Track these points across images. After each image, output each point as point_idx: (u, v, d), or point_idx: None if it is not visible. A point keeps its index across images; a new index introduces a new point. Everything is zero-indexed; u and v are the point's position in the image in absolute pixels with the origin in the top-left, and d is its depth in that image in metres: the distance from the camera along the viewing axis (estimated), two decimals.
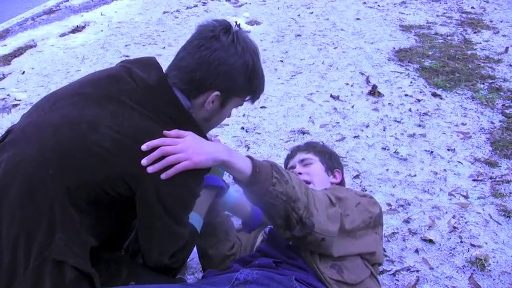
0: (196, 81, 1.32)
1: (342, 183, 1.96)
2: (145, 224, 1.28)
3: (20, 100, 3.61)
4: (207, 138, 1.36)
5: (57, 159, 1.20)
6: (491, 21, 5.31)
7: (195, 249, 1.82)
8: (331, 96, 3.57)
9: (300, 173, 1.84)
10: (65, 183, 1.19)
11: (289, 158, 2.02)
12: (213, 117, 1.42)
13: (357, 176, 2.59)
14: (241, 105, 1.47)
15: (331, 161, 1.96)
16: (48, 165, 1.20)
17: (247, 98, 1.45)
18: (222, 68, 1.31)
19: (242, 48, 1.33)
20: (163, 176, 1.21)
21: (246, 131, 3.11)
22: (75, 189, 1.20)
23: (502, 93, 3.55)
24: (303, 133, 3.06)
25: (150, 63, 1.38)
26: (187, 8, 6.25)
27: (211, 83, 1.32)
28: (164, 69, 1.38)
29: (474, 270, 1.96)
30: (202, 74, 1.31)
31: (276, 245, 1.58)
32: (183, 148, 1.23)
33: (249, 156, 1.36)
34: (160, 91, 1.31)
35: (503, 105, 3.36)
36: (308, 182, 1.80)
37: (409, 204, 2.36)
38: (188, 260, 1.98)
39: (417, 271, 1.96)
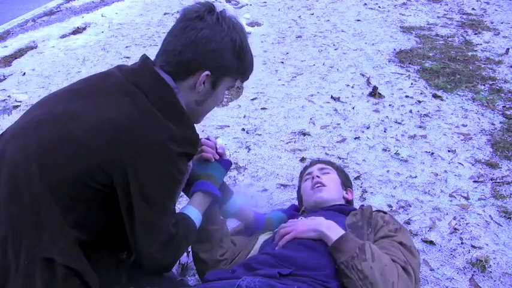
0: (185, 63, 1.30)
1: (351, 201, 2.01)
2: (126, 213, 1.26)
3: (20, 101, 3.61)
4: (190, 120, 1.32)
5: (39, 155, 1.21)
6: (492, 23, 5.31)
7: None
8: (331, 97, 3.57)
9: (318, 176, 1.90)
10: (47, 179, 1.19)
11: (307, 167, 2.08)
12: (206, 99, 1.39)
13: (357, 178, 2.59)
14: (232, 86, 1.45)
15: (346, 179, 2.06)
16: (31, 162, 1.21)
17: (238, 78, 1.43)
18: (210, 46, 1.30)
19: (228, 26, 1.33)
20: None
21: (247, 132, 3.11)
22: (58, 184, 1.20)
23: (502, 94, 3.55)
24: (304, 134, 3.06)
25: (140, 58, 1.39)
26: None
27: (200, 63, 1.31)
28: None
29: (475, 271, 1.96)
30: (190, 54, 1.29)
31: (302, 246, 1.57)
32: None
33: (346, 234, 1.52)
34: (143, 72, 1.31)
35: (503, 106, 3.36)
36: (323, 185, 1.86)
37: (410, 206, 2.36)
38: (189, 261, 1.98)
39: None
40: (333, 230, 1.54)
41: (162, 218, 1.29)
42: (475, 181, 2.54)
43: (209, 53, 1.30)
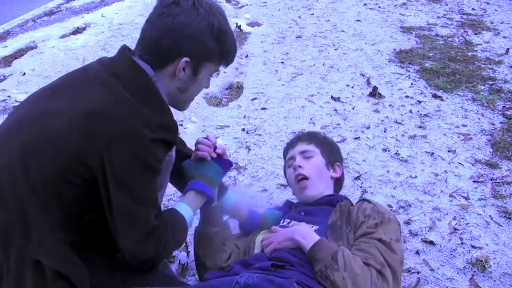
0: (163, 50, 1.29)
1: (341, 177, 1.95)
2: (106, 205, 1.22)
3: (20, 101, 3.61)
4: (167, 107, 1.30)
5: (22, 157, 1.20)
6: (492, 23, 5.32)
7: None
8: (331, 97, 3.58)
9: (300, 166, 1.83)
10: (31, 180, 1.19)
11: (289, 147, 1.98)
12: (189, 86, 1.37)
13: (357, 178, 2.59)
14: (216, 71, 1.42)
15: (332, 154, 1.94)
16: (14, 165, 1.20)
17: (221, 62, 1.40)
18: (187, 31, 1.28)
19: (205, 10, 1.30)
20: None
21: (247, 133, 3.11)
22: (42, 185, 1.19)
23: (502, 94, 3.55)
24: None
25: (119, 48, 1.37)
26: None
27: (178, 49, 1.29)
28: None
29: (475, 271, 1.96)
30: (168, 41, 1.28)
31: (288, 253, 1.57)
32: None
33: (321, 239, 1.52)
34: (121, 63, 1.30)
35: (503, 106, 3.36)
36: (307, 178, 1.80)
37: (410, 206, 2.36)
38: (189, 261, 1.98)
39: (418, 272, 1.95)
40: (307, 238, 1.52)
41: (140, 208, 1.25)
42: (475, 181, 2.54)
43: (186, 39, 1.28)
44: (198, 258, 1.74)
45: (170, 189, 1.93)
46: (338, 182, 1.94)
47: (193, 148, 1.64)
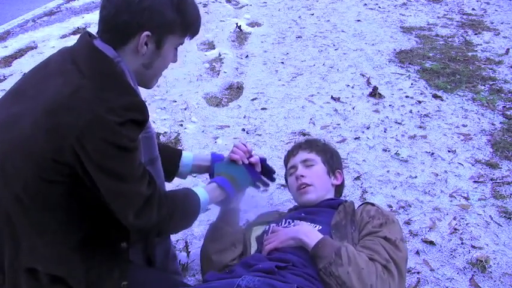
0: (121, 26, 1.24)
1: (342, 184, 1.96)
2: (96, 191, 1.22)
3: None
4: (130, 87, 1.26)
5: None
6: (492, 23, 5.31)
7: (198, 251, 1.82)
8: (331, 97, 3.57)
9: (302, 176, 1.83)
10: (13, 189, 1.17)
11: (290, 155, 1.98)
12: (154, 61, 1.33)
13: (357, 178, 2.59)
14: (181, 43, 1.37)
15: (333, 161, 1.95)
16: None
17: (185, 34, 1.36)
18: (144, 4, 1.22)
19: None
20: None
21: (247, 133, 3.11)
22: (24, 191, 1.17)
23: (502, 94, 3.55)
24: (304, 135, 3.06)
25: (80, 34, 1.33)
26: None
27: (138, 23, 1.24)
28: None
29: (475, 271, 1.96)
30: (125, 16, 1.23)
31: (290, 248, 1.57)
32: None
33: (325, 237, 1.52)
34: (80, 49, 1.27)
35: (504, 106, 3.36)
36: (309, 185, 1.80)
37: (410, 206, 2.36)
38: (189, 261, 1.98)
39: (418, 273, 1.95)
40: (310, 237, 1.53)
41: (127, 185, 1.23)
42: (475, 181, 2.54)
43: (145, 12, 1.23)
44: (205, 251, 1.74)
45: None
46: (339, 188, 1.95)
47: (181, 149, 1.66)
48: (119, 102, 1.18)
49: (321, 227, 1.61)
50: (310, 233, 1.55)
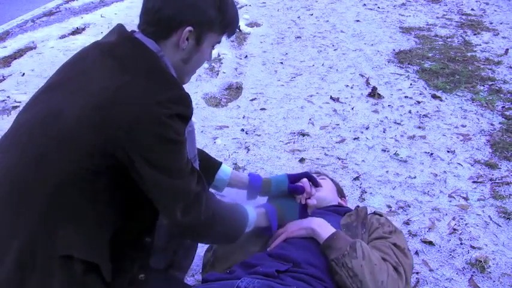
0: (165, 20, 1.27)
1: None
2: (143, 187, 1.23)
3: (19, 102, 3.60)
4: (176, 81, 1.27)
5: (37, 161, 1.19)
6: (491, 23, 5.32)
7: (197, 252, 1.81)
8: (331, 98, 3.58)
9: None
10: (52, 181, 1.18)
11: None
12: (192, 57, 1.35)
13: (356, 178, 2.59)
14: (218, 42, 1.40)
15: (341, 189, 2.06)
16: (31, 170, 1.19)
17: (223, 33, 1.39)
18: (189, 1, 1.27)
19: None
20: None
21: (246, 133, 3.11)
22: (66, 183, 1.18)
23: (502, 95, 3.55)
24: (303, 135, 3.06)
25: (114, 28, 1.35)
26: None
27: (181, 18, 1.27)
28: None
29: (474, 272, 1.96)
30: (170, 10, 1.26)
31: (295, 246, 1.57)
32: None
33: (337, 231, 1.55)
34: (121, 43, 1.27)
35: (503, 107, 3.36)
36: (320, 185, 1.83)
37: (409, 206, 2.36)
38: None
39: (417, 273, 1.95)
40: (323, 228, 1.56)
41: (178, 181, 1.24)
42: (474, 181, 2.54)
43: (189, 8, 1.27)
44: (213, 246, 1.75)
45: None
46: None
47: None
48: (167, 96, 1.20)
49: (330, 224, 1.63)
50: (323, 225, 1.58)
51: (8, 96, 3.72)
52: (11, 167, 1.22)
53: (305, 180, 1.73)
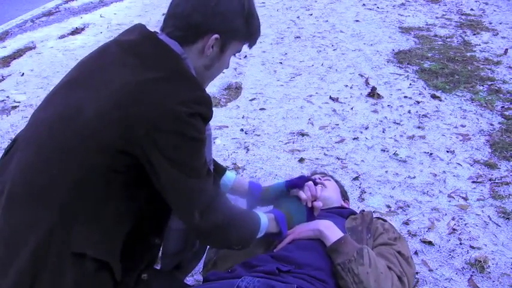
0: (194, 26, 1.28)
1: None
2: (161, 187, 1.23)
3: (19, 102, 3.61)
4: (198, 83, 1.28)
5: (57, 157, 1.19)
6: (491, 23, 5.32)
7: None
8: (330, 98, 3.58)
9: (319, 178, 1.89)
10: (71, 178, 1.18)
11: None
12: (214, 64, 1.37)
13: (356, 178, 2.59)
14: (239, 51, 1.42)
15: (345, 192, 2.06)
16: (50, 166, 1.19)
17: (245, 42, 1.41)
18: (219, 9, 1.28)
19: None
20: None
21: (246, 133, 3.11)
22: (85, 180, 1.18)
23: (501, 95, 3.55)
24: (302, 135, 3.06)
25: (135, 26, 1.35)
26: None
27: (210, 26, 1.28)
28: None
29: (473, 272, 1.96)
30: (200, 16, 1.27)
31: (299, 248, 1.57)
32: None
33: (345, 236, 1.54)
34: (144, 43, 1.28)
35: (502, 107, 3.37)
36: (325, 186, 1.84)
37: (409, 206, 2.36)
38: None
39: (416, 273, 1.95)
40: (331, 230, 1.56)
41: (196, 180, 1.24)
42: (473, 181, 2.54)
43: (218, 16, 1.28)
44: (221, 256, 1.73)
45: None
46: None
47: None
48: (190, 96, 1.21)
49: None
50: (330, 228, 1.58)
51: (8, 96, 3.72)
52: (30, 164, 1.22)
53: (310, 183, 1.73)
